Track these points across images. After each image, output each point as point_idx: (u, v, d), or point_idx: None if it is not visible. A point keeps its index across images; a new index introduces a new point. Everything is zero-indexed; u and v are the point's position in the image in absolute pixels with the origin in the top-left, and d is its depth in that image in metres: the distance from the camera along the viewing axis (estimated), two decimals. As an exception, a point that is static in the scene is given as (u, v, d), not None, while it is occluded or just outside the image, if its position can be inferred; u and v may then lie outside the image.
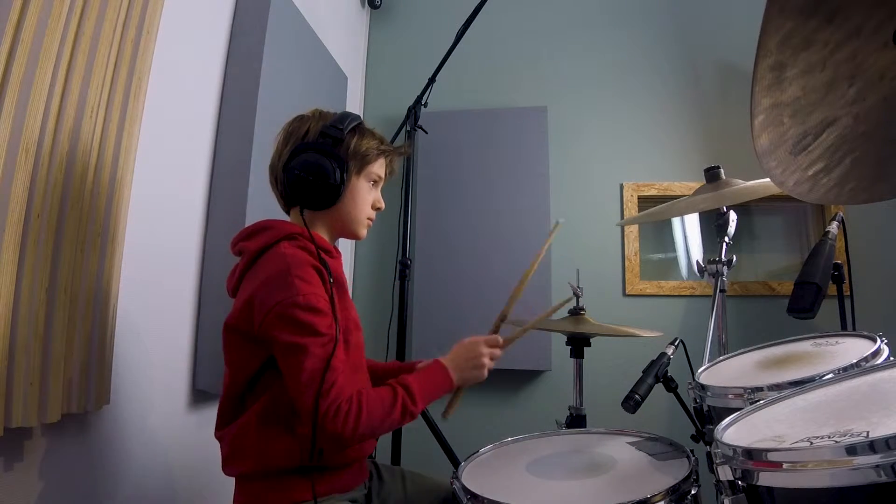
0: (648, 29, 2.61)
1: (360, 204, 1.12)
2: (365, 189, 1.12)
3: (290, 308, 0.93)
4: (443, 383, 1.06)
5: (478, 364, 1.09)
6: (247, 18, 1.63)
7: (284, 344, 0.93)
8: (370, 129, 1.13)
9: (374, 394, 0.96)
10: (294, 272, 0.96)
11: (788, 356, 1.11)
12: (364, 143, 1.09)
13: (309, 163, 1.02)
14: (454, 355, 1.10)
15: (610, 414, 1.50)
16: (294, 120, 1.12)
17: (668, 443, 1.05)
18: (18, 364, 0.90)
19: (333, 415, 0.89)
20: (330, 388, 0.90)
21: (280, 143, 1.11)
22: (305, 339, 0.92)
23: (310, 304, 0.94)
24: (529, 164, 2.49)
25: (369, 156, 1.10)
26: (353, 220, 1.12)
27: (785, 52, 0.75)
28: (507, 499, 0.87)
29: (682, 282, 2.46)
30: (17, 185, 0.90)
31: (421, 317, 2.43)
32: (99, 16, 1.05)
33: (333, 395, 0.90)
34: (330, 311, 0.97)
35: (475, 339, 1.11)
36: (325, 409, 0.89)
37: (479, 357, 1.09)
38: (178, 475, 1.41)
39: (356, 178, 1.10)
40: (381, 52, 2.82)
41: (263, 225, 1.06)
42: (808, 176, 0.92)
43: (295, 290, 0.94)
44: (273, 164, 1.11)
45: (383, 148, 1.13)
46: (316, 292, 0.96)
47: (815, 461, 0.56)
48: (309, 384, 0.91)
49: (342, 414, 0.90)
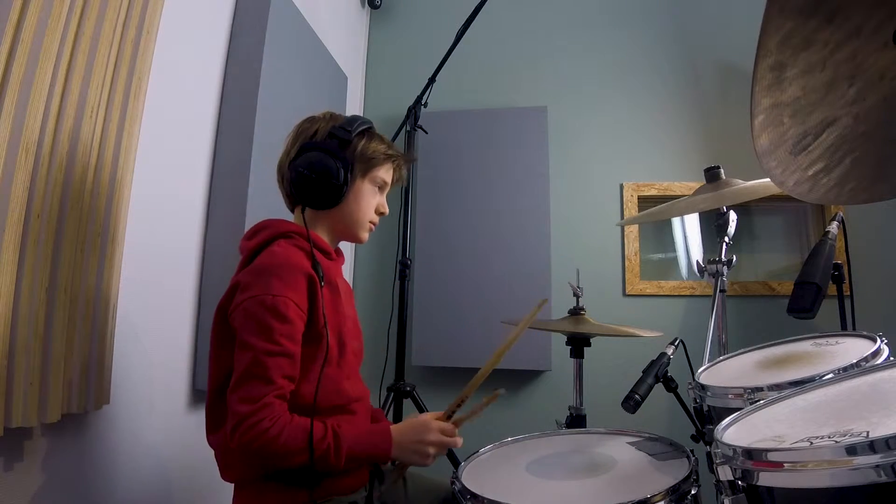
0: (648, 29, 2.61)
1: (363, 207, 1.11)
2: (369, 192, 1.11)
3: (255, 305, 0.93)
4: (377, 452, 0.97)
5: (422, 452, 0.99)
6: (247, 18, 1.63)
7: (239, 339, 0.93)
8: (379, 135, 1.13)
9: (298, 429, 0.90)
10: (275, 270, 0.95)
11: (788, 356, 1.11)
12: (371, 147, 1.09)
13: (313, 161, 1.02)
14: (403, 429, 1.00)
15: (610, 414, 1.50)
16: (305, 120, 1.12)
17: (668, 443, 1.05)
18: (18, 364, 0.90)
19: (247, 428, 0.87)
20: (257, 400, 0.88)
21: (289, 142, 1.11)
22: (256, 340, 0.91)
23: (276, 306, 0.92)
24: (529, 164, 2.49)
25: (376, 159, 1.09)
26: (354, 222, 1.12)
27: (785, 52, 0.75)
28: (507, 499, 0.87)
29: (682, 282, 2.46)
30: (17, 185, 0.90)
31: (421, 317, 2.43)
32: (99, 16, 1.05)
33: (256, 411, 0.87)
34: (299, 320, 0.94)
35: (429, 424, 1.01)
36: (242, 419, 0.87)
37: (427, 445, 0.99)
38: (178, 475, 1.41)
39: (361, 181, 1.09)
40: (381, 52, 2.82)
41: (263, 225, 1.07)
42: (808, 176, 0.92)
43: (268, 287, 0.93)
44: (281, 163, 1.11)
45: (390, 153, 1.12)
46: (287, 296, 0.93)
47: (815, 461, 0.56)
48: (237, 386, 0.90)
49: (263, 432, 0.87)
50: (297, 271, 0.97)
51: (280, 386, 0.91)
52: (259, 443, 0.87)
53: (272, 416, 0.89)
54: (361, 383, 1.15)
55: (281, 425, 0.89)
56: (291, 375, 0.94)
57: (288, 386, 0.93)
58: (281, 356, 0.92)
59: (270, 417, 0.88)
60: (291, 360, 0.94)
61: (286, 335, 0.93)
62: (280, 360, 0.91)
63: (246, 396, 0.89)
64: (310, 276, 0.98)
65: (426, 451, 0.99)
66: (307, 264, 0.99)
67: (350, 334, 1.10)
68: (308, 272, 0.98)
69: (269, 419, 0.88)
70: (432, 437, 0.99)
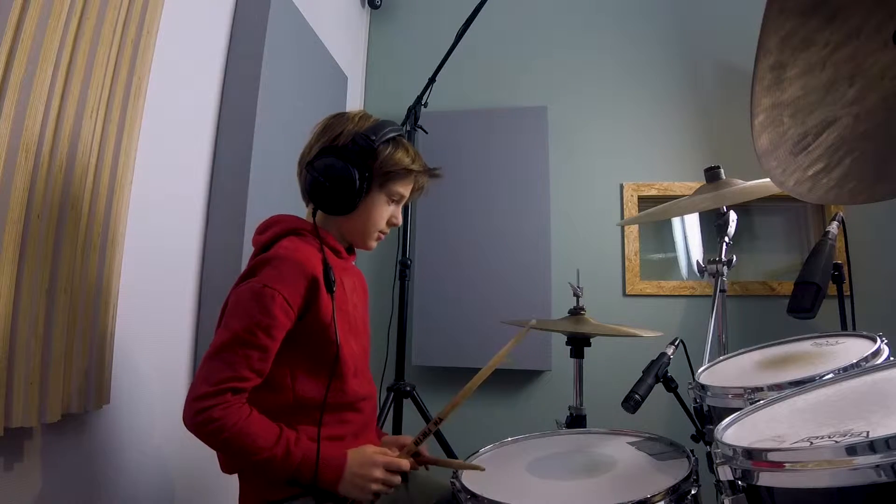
0: (648, 29, 2.61)
1: (374, 218, 1.09)
2: (383, 205, 1.09)
3: (246, 291, 0.94)
4: (324, 477, 0.92)
5: (363, 487, 0.94)
6: (247, 18, 1.63)
7: (224, 319, 0.95)
8: (406, 144, 1.09)
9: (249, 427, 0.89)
10: (275, 263, 0.96)
11: (788, 356, 1.11)
12: (394, 159, 1.05)
13: (331, 167, 1.01)
14: (352, 458, 0.96)
15: (610, 414, 1.50)
16: (336, 116, 1.09)
17: (668, 443, 1.05)
18: (18, 364, 0.90)
19: (199, 410, 0.88)
20: (215, 384, 0.89)
21: (314, 136, 1.08)
22: (235, 325, 0.92)
23: (263, 297, 0.92)
24: (529, 164, 2.49)
25: (395, 173, 1.06)
26: (363, 231, 1.10)
27: (785, 52, 0.75)
28: (507, 499, 0.87)
29: (682, 282, 2.46)
30: (17, 185, 0.90)
31: (421, 317, 2.43)
32: (99, 16, 1.05)
33: (211, 395, 0.88)
34: (283, 316, 0.93)
35: (376, 459, 0.96)
36: (197, 398, 0.89)
37: (369, 481, 0.94)
38: (178, 475, 1.41)
39: (377, 193, 1.07)
40: (381, 52, 2.82)
41: (275, 220, 1.08)
42: (808, 176, 0.92)
43: (262, 278, 0.94)
44: (302, 156, 1.09)
45: (412, 168, 1.08)
46: (277, 289, 0.93)
47: (815, 461, 0.56)
48: (206, 361, 0.92)
49: (211, 421, 0.87)
50: (299, 269, 0.96)
51: (243, 377, 0.91)
52: (208, 428, 0.88)
53: (224, 405, 0.89)
54: (369, 381, 1.14)
55: (233, 419, 0.88)
56: (259, 370, 0.93)
57: (253, 378, 0.93)
58: (252, 348, 0.92)
59: (223, 406, 0.88)
60: (263, 354, 0.93)
61: (264, 328, 0.92)
62: (250, 352, 0.91)
63: (208, 375, 0.91)
64: (313, 277, 0.97)
65: (367, 487, 0.95)
66: (315, 263, 0.98)
67: (358, 330, 1.10)
68: (312, 274, 0.97)
69: (220, 408, 0.88)
70: (377, 474, 0.95)
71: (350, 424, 1.05)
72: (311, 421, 0.98)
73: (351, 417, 1.05)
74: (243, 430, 0.89)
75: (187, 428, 0.91)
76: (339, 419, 1.03)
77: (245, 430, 0.89)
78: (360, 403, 1.07)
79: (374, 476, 0.95)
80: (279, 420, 0.95)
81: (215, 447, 0.94)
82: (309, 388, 0.99)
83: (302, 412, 0.99)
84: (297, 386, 0.99)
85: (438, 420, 1.01)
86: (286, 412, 0.97)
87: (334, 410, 1.01)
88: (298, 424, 0.97)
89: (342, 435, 1.03)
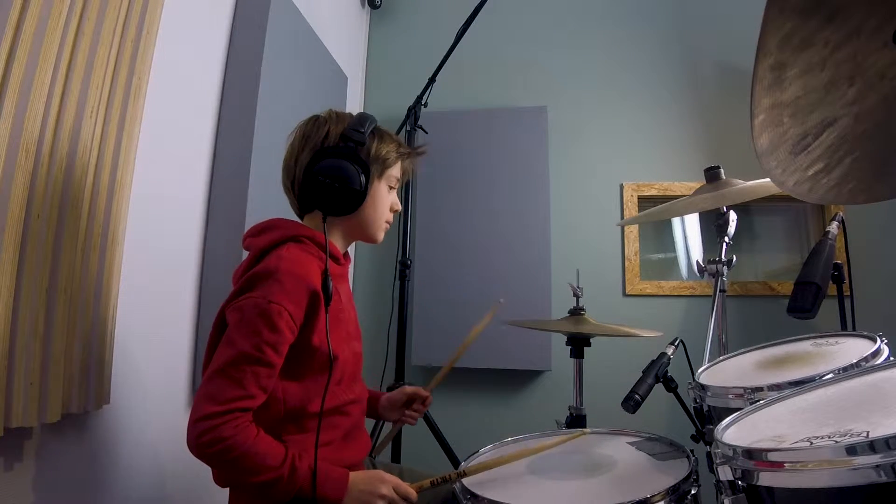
0: (648, 29, 2.61)
1: (380, 208, 1.11)
2: (385, 193, 1.11)
3: (250, 307, 0.90)
4: (328, 494, 0.91)
5: (369, 502, 0.94)
6: (247, 18, 1.63)
7: (226, 335, 0.91)
8: (388, 132, 1.12)
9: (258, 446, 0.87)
10: (279, 276, 0.92)
11: (788, 356, 1.11)
12: (384, 147, 1.08)
13: (334, 168, 1.00)
14: (357, 479, 0.95)
15: (610, 414, 1.50)
16: (309, 121, 1.09)
17: (668, 443, 1.05)
18: (18, 364, 0.90)
19: (206, 430, 0.85)
20: (223, 403, 0.86)
21: (296, 144, 1.07)
22: (242, 342, 0.89)
23: (269, 313, 0.89)
24: (529, 164, 2.49)
25: (389, 160, 1.09)
26: (372, 223, 1.11)
27: (785, 52, 0.75)
28: (507, 499, 0.87)
29: (682, 282, 2.46)
30: (17, 185, 0.90)
31: (421, 317, 2.43)
32: (99, 16, 1.05)
33: (220, 414, 0.85)
34: (288, 332, 0.92)
35: (383, 477, 0.97)
36: (203, 418, 0.85)
37: (377, 497, 0.94)
38: (178, 475, 1.41)
39: (377, 182, 1.09)
40: (381, 52, 2.82)
41: (273, 223, 1.05)
42: (808, 176, 0.92)
43: (267, 292, 0.91)
44: (288, 166, 1.07)
45: (403, 151, 1.12)
46: (283, 305, 0.91)
47: (815, 461, 0.56)
48: (209, 380, 0.88)
49: (219, 440, 0.84)
50: (302, 283, 0.94)
51: (251, 394, 0.88)
52: (215, 449, 0.85)
53: (235, 425, 0.86)
54: (360, 385, 1.13)
55: (242, 438, 0.86)
56: (266, 387, 0.91)
57: (260, 395, 0.90)
58: (260, 365, 0.89)
59: (234, 426, 0.86)
60: (270, 371, 0.91)
61: (272, 344, 0.90)
62: (259, 369, 0.89)
63: (214, 394, 0.87)
64: (314, 291, 0.95)
65: (374, 502, 0.94)
66: (315, 275, 0.96)
67: (350, 338, 1.10)
68: (313, 289, 0.95)
69: (231, 427, 0.85)
70: (384, 490, 0.95)
71: (338, 429, 1.04)
72: (298, 428, 0.98)
73: (339, 422, 1.04)
74: (252, 449, 0.87)
75: (191, 449, 0.87)
76: (329, 424, 1.01)
77: (254, 450, 0.87)
78: (348, 407, 1.06)
79: (381, 492, 0.94)
80: (269, 433, 0.93)
81: (220, 467, 0.91)
82: (297, 398, 0.97)
83: (290, 421, 0.98)
84: (288, 398, 0.97)
85: (463, 473, 0.99)
86: (276, 424, 0.96)
87: (323, 416, 1.00)
88: (286, 434, 0.96)
89: (330, 440, 1.01)
